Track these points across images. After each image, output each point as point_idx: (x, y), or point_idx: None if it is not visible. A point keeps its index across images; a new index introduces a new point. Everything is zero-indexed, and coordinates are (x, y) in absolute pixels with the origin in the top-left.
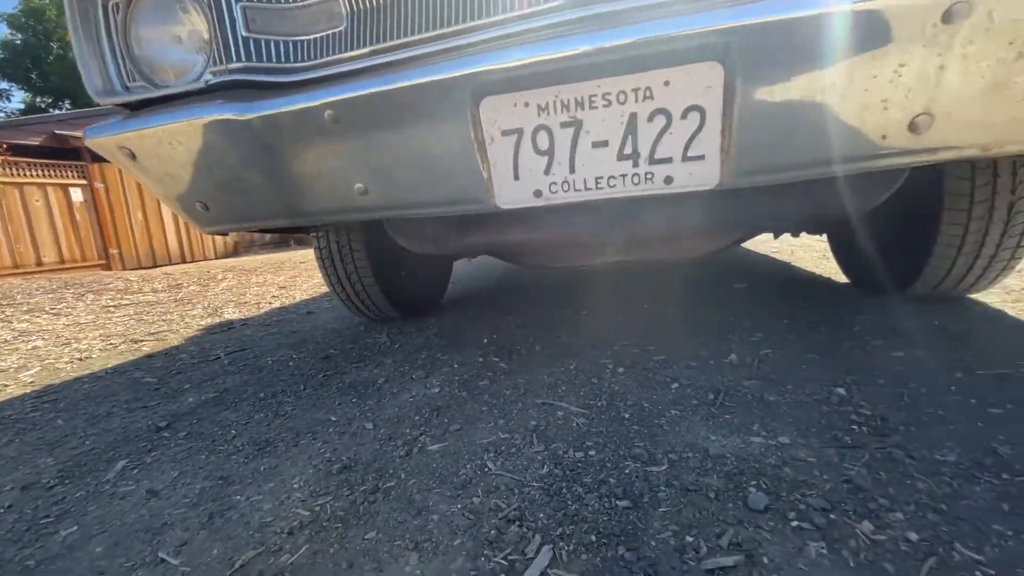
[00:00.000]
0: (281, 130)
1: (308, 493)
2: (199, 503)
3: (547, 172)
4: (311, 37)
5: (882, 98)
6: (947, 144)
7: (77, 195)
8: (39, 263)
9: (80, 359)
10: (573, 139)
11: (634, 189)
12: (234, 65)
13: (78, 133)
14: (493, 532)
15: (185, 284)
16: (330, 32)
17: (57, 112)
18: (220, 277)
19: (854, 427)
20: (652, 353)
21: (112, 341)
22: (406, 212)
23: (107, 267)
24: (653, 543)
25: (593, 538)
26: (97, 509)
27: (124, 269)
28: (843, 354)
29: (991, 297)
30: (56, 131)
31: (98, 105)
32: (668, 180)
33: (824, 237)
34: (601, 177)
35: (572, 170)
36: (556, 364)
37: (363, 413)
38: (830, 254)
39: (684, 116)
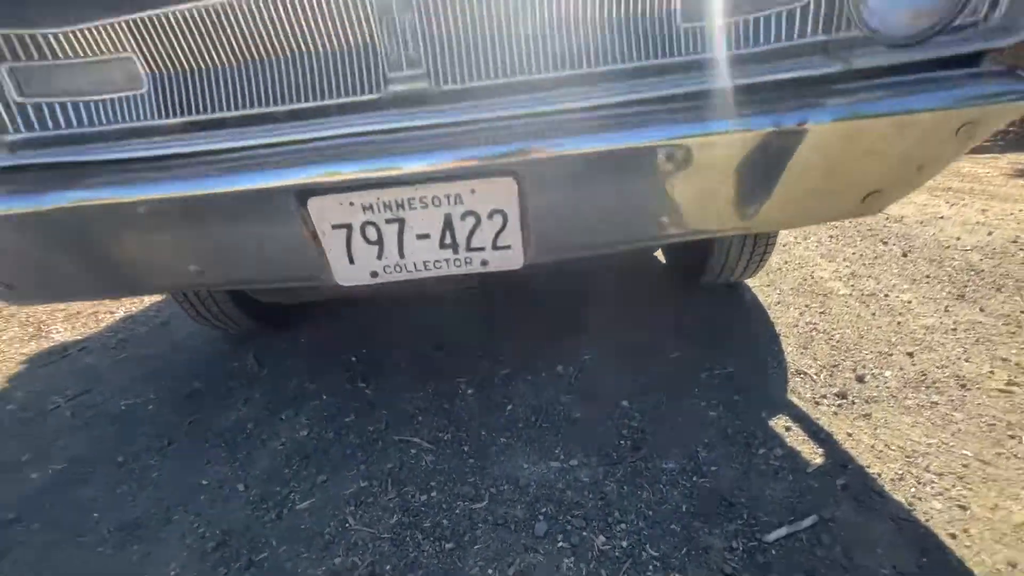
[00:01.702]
0: (87, 219)
1: None
2: None
3: (379, 257)
4: (105, 98)
5: (640, 205)
6: (693, 229)
7: None
8: None
9: None
10: (399, 233)
11: (457, 269)
12: (11, 137)
13: None
14: None
15: None
16: (129, 94)
17: None
18: None
19: (622, 441)
20: (500, 367)
21: None
22: (249, 287)
23: None
24: None
25: None
26: None
27: None
28: (637, 360)
29: (754, 281)
30: None
31: None
32: (484, 263)
33: None
34: (428, 261)
35: (402, 256)
36: (417, 388)
37: (234, 472)
38: None
39: (490, 217)
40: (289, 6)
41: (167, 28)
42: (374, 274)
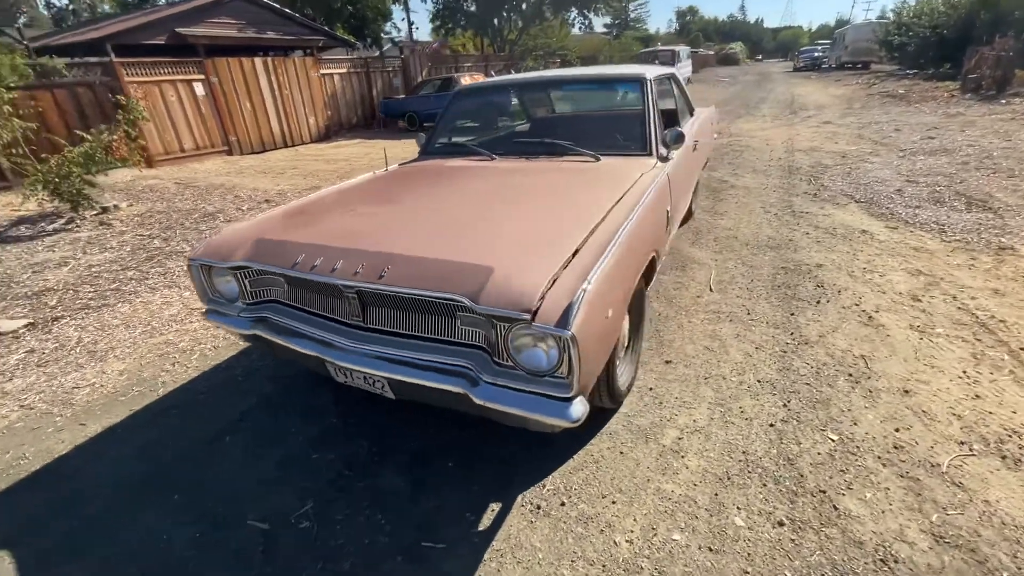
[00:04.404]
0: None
1: None
2: None
3: (345, 379)
4: (273, 289)
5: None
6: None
7: (200, 89)
8: (182, 149)
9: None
10: (352, 375)
11: (372, 390)
12: (245, 302)
13: (196, 30)
14: None
15: None
16: (281, 295)
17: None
18: None
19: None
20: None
21: None
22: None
23: (229, 153)
24: None
25: None
26: None
27: (242, 154)
28: (481, 447)
29: (640, 416)
30: (176, 29)
31: None
32: (381, 393)
33: None
34: (361, 383)
35: (352, 380)
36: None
37: (310, 425)
38: None
39: (379, 381)
40: (319, 288)
41: (296, 280)
42: (343, 382)
